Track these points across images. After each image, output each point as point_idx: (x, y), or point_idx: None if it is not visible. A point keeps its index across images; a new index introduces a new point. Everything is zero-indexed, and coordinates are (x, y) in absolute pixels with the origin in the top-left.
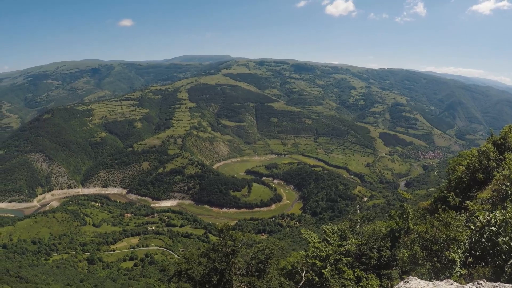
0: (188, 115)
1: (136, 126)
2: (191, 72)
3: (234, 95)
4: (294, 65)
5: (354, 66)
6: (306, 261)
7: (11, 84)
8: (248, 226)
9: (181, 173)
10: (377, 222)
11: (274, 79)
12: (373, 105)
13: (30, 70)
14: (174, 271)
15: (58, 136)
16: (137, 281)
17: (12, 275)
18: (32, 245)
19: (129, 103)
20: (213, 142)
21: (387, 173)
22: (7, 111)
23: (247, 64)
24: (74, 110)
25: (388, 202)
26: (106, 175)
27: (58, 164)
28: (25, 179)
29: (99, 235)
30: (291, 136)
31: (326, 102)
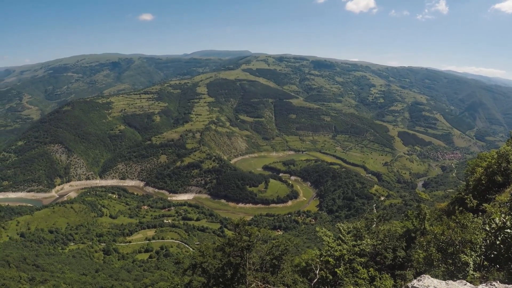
0: (207, 109)
1: (154, 120)
2: (210, 67)
3: (253, 91)
4: (314, 61)
5: (374, 64)
6: (320, 259)
7: (31, 77)
8: (264, 222)
9: (198, 167)
10: (393, 222)
11: (293, 75)
12: (392, 103)
13: (51, 63)
14: (189, 264)
15: (78, 128)
16: (152, 273)
17: (28, 263)
18: (49, 235)
19: (148, 97)
20: (231, 137)
21: (405, 172)
22: (28, 103)
23: (267, 60)
24: (94, 103)
25: (405, 202)
26: (124, 168)
27: (77, 155)
28: (44, 169)
29: (115, 227)
30: (309, 133)
31: (345, 100)
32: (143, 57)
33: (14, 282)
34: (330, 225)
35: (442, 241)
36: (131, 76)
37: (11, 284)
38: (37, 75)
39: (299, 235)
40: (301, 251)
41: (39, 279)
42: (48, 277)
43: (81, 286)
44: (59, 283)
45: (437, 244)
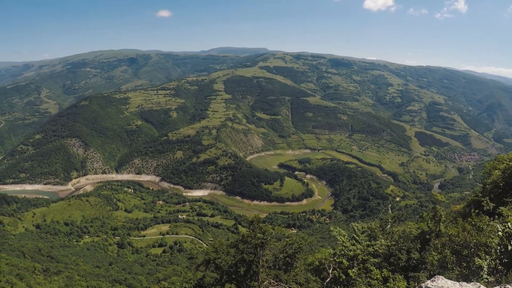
0: (224, 106)
1: (171, 116)
2: (227, 64)
3: (270, 88)
4: (331, 59)
5: (391, 63)
6: (334, 259)
7: (50, 72)
8: (278, 220)
9: (214, 164)
10: (408, 223)
11: (310, 73)
12: (410, 103)
13: (69, 58)
14: (203, 259)
15: (95, 123)
16: (165, 268)
17: (43, 254)
18: (64, 227)
19: (165, 93)
20: (248, 134)
21: (421, 173)
22: (46, 97)
23: (284, 58)
24: (111, 98)
25: (420, 203)
26: (140, 163)
27: (94, 149)
28: (61, 163)
29: (130, 221)
30: (326, 132)
31: (362, 99)
32: (160, 53)
33: (28, 273)
34: (344, 225)
35: (457, 244)
36: (148, 72)
37: (25, 275)
38: (56, 70)
39: (313, 234)
40: (315, 250)
41: (53, 270)
42: (62, 269)
43: (94, 278)
44: (72, 275)
45: (451, 247)
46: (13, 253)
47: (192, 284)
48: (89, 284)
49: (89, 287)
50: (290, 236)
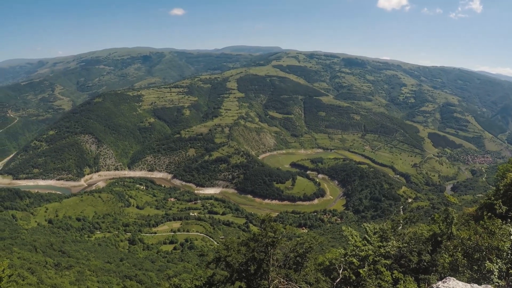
0: (236, 105)
1: (184, 114)
2: (241, 62)
3: (283, 87)
4: (345, 59)
5: (405, 63)
6: (345, 259)
7: (64, 69)
8: (289, 219)
9: (226, 162)
10: (419, 225)
11: (323, 73)
12: (423, 103)
13: (83, 55)
14: (213, 257)
15: (108, 120)
16: (175, 265)
17: (55, 249)
18: (76, 222)
19: (178, 91)
20: (260, 133)
21: (433, 175)
22: (60, 94)
23: (297, 57)
24: (125, 95)
25: (432, 205)
26: (153, 160)
27: (107, 146)
28: (74, 159)
29: (142, 217)
30: (338, 131)
31: (376, 99)
32: (174, 51)
33: (40, 267)
34: (355, 225)
35: (468, 247)
36: (162, 70)
37: (37, 269)
38: (70, 67)
39: (324, 234)
40: (326, 250)
41: (64, 265)
42: (73, 264)
43: (105, 273)
44: (83, 270)
45: (463, 250)
46: (25, 247)
47: (202, 282)
48: (100, 279)
49: (100, 282)
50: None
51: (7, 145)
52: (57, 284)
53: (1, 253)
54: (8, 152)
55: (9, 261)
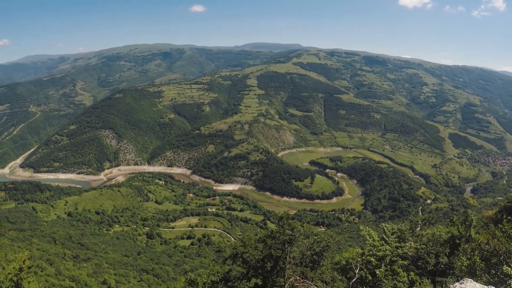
0: (256, 102)
1: (204, 110)
2: (261, 59)
3: (303, 85)
4: (365, 57)
5: (426, 61)
6: (362, 259)
7: (85, 64)
8: (307, 217)
9: (245, 159)
10: (438, 227)
11: (344, 71)
12: (444, 103)
13: (104, 51)
14: (230, 253)
15: (128, 115)
16: (192, 260)
17: (74, 241)
18: (95, 216)
19: (198, 87)
20: (280, 130)
21: (453, 176)
22: (81, 89)
23: (318, 54)
24: (145, 91)
25: (452, 207)
26: (172, 155)
27: (127, 141)
28: (94, 153)
29: (160, 212)
30: (358, 130)
31: (396, 97)
32: (194, 48)
33: (58, 258)
34: (373, 225)
35: (486, 250)
36: (182, 66)
37: (55, 260)
38: (91, 63)
39: (342, 233)
40: (342, 249)
41: (82, 257)
42: (91, 256)
43: (122, 267)
44: (101, 262)
45: (481, 253)
46: (45, 239)
47: (218, 277)
48: (117, 272)
49: (117, 275)
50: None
51: (28, 139)
52: (75, 276)
53: (21, 244)
54: (29, 146)
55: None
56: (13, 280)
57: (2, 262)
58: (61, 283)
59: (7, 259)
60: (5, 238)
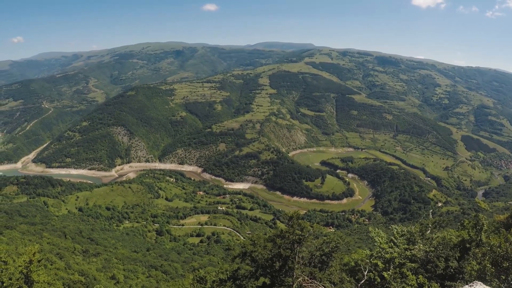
0: (268, 101)
1: (216, 108)
2: (273, 58)
3: (315, 84)
4: (378, 57)
5: (440, 62)
6: (370, 261)
7: (98, 62)
8: (317, 218)
9: (256, 158)
10: (448, 230)
11: (356, 71)
12: (457, 105)
13: (117, 49)
14: (239, 251)
15: (140, 112)
16: (201, 257)
17: (84, 236)
18: (106, 211)
19: (210, 86)
20: (291, 130)
21: (465, 179)
22: (94, 86)
23: (330, 54)
24: (157, 89)
25: (463, 210)
26: (183, 153)
27: (138, 138)
28: (106, 149)
29: (170, 209)
30: (370, 131)
31: (409, 98)
32: (206, 47)
33: (68, 253)
34: (383, 227)
35: (497, 255)
36: (194, 64)
37: (65, 254)
38: (104, 60)
39: (351, 234)
40: (352, 251)
41: (92, 252)
42: (101, 251)
43: (131, 262)
44: (110, 258)
45: (492, 258)
46: (55, 233)
47: (226, 275)
48: (126, 267)
49: (126, 270)
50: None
51: (41, 134)
52: (84, 270)
53: (32, 237)
54: (42, 142)
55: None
56: (23, 272)
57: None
58: (70, 277)
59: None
60: (16, 231)
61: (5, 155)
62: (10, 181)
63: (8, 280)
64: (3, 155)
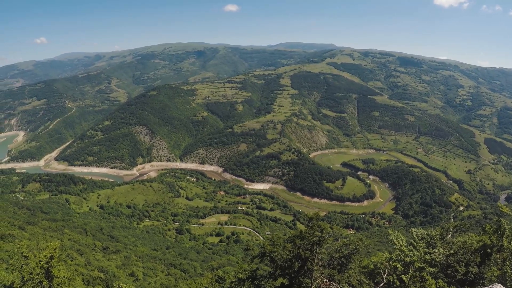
0: (289, 101)
1: (237, 109)
2: (294, 59)
3: (337, 85)
4: (400, 58)
5: (463, 63)
6: (389, 264)
7: (120, 62)
8: (337, 219)
9: (277, 158)
10: (469, 235)
11: (378, 71)
12: (480, 107)
13: (139, 50)
14: (258, 251)
15: (162, 112)
16: (220, 257)
17: (104, 233)
18: (126, 209)
19: (232, 86)
20: (312, 130)
21: (488, 183)
22: (116, 86)
23: (352, 54)
24: (179, 89)
25: (485, 215)
26: (204, 153)
27: (160, 138)
28: (127, 149)
29: (190, 208)
30: (392, 132)
31: (431, 100)
32: (228, 47)
33: (88, 249)
34: (403, 230)
35: None
36: (216, 65)
37: (85, 251)
38: (126, 60)
39: (371, 237)
40: (371, 253)
41: (112, 249)
42: (121, 248)
43: (150, 260)
44: (130, 255)
45: None
46: (76, 230)
47: (245, 275)
48: (145, 265)
49: (145, 268)
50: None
51: (64, 133)
52: (104, 267)
53: (53, 234)
54: (64, 140)
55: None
56: (43, 267)
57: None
58: (90, 273)
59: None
60: (38, 227)
61: (28, 153)
62: (33, 179)
63: (29, 275)
64: (27, 153)
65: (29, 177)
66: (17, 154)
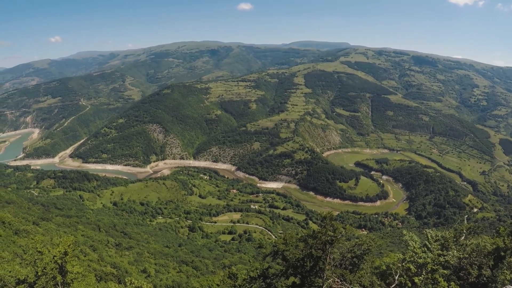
0: (303, 100)
1: (250, 107)
2: (308, 57)
3: (351, 84)
4: (415, 57)
5: (478, 62)
6: (402, 265)
7: (134, 61)
8: (349, 219)
9: (290, 157)
10: (483, 237)
11: (392, 71)
12: (496, 107)
13: (153, 48)
14: (271, 250)
15: (176, 110)
16: (232, 255)
17: (117, 229)
18: (140, 206)
19: (245, 84)
20: (326, 130)
21: (502, 185)
22: (130, 85)
23: (366, 53)
24: (193, 88)
25: (499, 217)
26: (218, 151)
27: (173, 136)
28: (141, 146)
29: (203, 206)
30: (406, 132)
31: (446, 99)
32: (241, 46)
33: (101, 245)
34: (417, 231)
35: None
36: (229, 63)
37: (98, 247)
38: (140, 59)
39: (384, 238)
40: (383, 254)
41: (124, 246)
42: (133, 245)
43: (163, 257)
44: (143, 252)
45: None
46: (90, 226)
47: (257, 274)
48: (157, 262)
49: (157, 265)
50: (360, 237)
51: (78, 130)
52: (116, 263)
53: (67, 229)
54: (79, 137)
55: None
56: (57, 262)
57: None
58: (103, 269)
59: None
60: (52, 223)
61: (43, 150)
62: (48, 175)
63: (43, 270)
64: (41, 150)
65: (44, 173)
66: (32, 151)
